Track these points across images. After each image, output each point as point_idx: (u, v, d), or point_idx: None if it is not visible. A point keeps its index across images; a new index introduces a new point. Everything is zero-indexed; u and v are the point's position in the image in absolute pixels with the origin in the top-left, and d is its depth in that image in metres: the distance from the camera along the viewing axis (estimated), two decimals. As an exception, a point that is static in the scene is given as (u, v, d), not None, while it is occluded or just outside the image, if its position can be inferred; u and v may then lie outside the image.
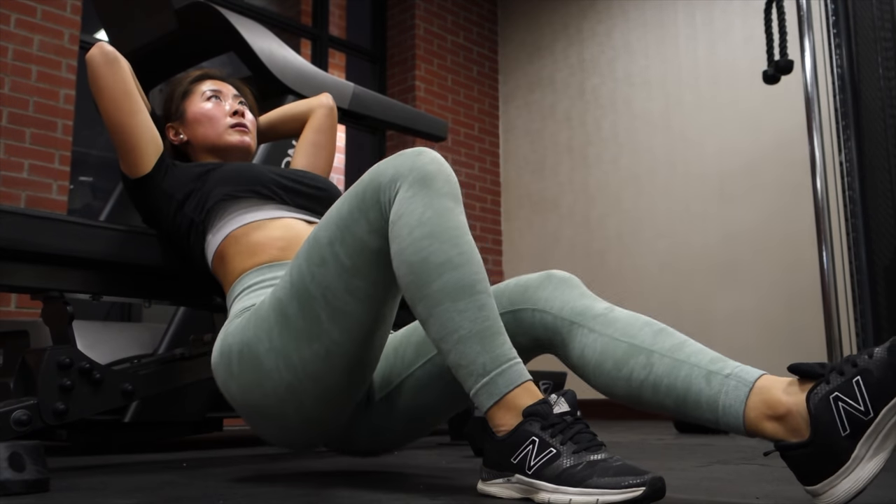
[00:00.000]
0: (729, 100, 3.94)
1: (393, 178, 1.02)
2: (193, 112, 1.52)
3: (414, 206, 0.99)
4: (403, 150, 1.05)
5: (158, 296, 1.50)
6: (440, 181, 1.02)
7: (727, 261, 3.82)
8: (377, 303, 1.07)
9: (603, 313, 1.05)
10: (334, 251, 1.05)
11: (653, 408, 0.99)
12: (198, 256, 1.38)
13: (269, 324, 1.10)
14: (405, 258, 0.99)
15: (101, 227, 1.39)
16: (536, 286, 1.12)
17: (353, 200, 1.05)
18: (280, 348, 1.09)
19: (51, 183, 3.00)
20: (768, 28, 2.50)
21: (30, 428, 1.21)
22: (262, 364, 1.10)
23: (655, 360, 0.97)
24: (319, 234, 1.08)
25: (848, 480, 0.82)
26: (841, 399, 0.83)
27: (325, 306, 1.06)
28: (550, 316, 1.08)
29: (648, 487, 0.83)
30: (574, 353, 1.06)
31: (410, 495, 1.03)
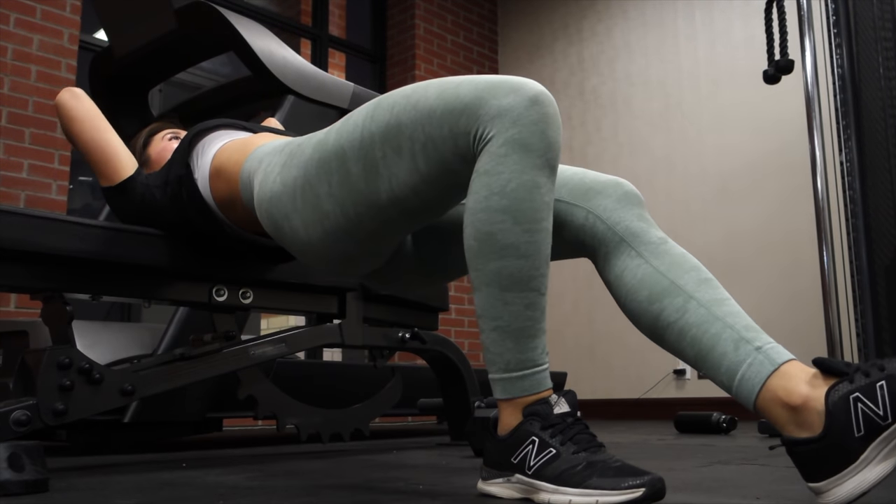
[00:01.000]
0: (729, 100, 3.94)
1: (494, 119, 0.92)
2: (157, 152, 1.56)
3: (503, 169, 0.92)
4: (520, 82, 0.94)
5: (158, 296, 1.50)
6: (542, 146, 0.93)
7: (728, 261, 3.82)
8: (439, 207, 1.03)
9: (655, 242, 1.03)
10: (413, 149, 0.97)
11: (671, 350, 0.98)
12: (198, 204, 1.37)
13: (329, 169, 1.05)
14: (475, 221, 0.95)
15: (101, 227, 1.39)
16: (600, 190, 1.08)
17: (445, 113, 0.95)
18: (339, 197, 1.04)
19: (50, 183, 3.00)
20: (768, 28, 2.50)
21: (29, 428, 1.21)
22: (321, 204, 1.06)
23: (691, 307, 0.96)
24: (402, 119, 0.98)
25: (853, 480, 0.81)
26: (861, 400, 0.82)
27: (388, 188, 1.00)
28: (603, 226, 1.05)
29: (648, 488, 0.83)
30: (613, 270, 1.04)
31: (410, 495, 1.03)
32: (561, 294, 4.57)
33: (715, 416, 2.61)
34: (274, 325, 4.65)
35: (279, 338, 1.62)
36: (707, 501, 0.95)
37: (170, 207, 1.40)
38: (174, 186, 1.38)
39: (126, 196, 1.43)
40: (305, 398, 2.21)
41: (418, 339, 1.95)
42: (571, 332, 4.49)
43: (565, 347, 4.50)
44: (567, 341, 4.50)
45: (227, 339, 1.52)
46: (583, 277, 4.43)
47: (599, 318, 4.38)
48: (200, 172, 1.36)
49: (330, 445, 2.27)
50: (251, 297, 1.57)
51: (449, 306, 2.86)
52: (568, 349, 4.49)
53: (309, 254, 1.14)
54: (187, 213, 1.39)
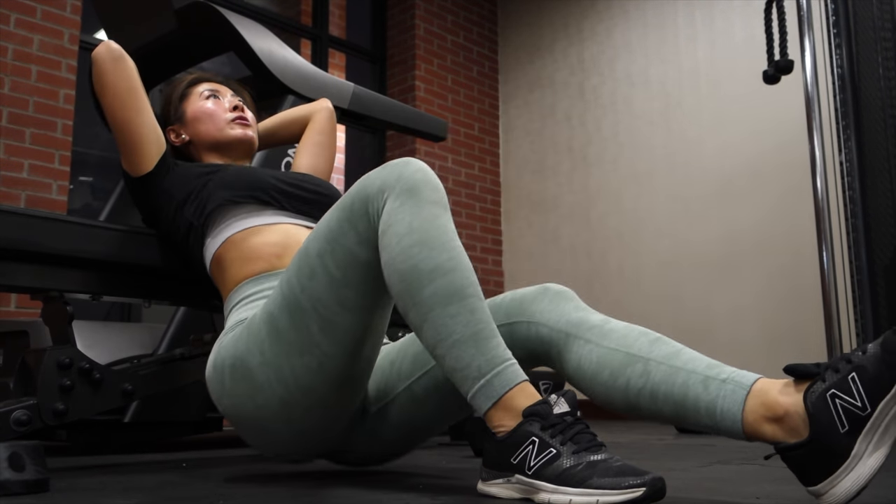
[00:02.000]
0: (729, 100, 3.94)
1: (381, 189, 1.03)
2: (193, 111, 1.52)
3: (402, 216, 1.00)
4: (389, 161, 1.07)
5: (158, 296, 1.50)
6: (427, 190, 1.03)
7: (728, 260, 3.82)
8: (368, 313, 1.07)
9: (598, 325, 1.06)
10: (324, 263, 1.06)
11: (651, 416, 0.99)
12: (197, 259, 1.38)
13: (260, 337, 1.10)
14: (395, 267, 0.99)
15: (101, 227, 1.39)
16: (532, 299, 1.12)
17: (341, 213, 1.06)
18: (272, 361, 1.09)
19: (51, 183, 3.00)
20: (768, 28, 2.50)
21: (29, 428, 1.21)
22: (254, 378, 1.10)
23: (652, 368, 0.98)
24: (309, 247, 1.09)
25: (849, 478, 0.82)
26: (838, 396, 0.83)
27: (316, 318, 1.06)
28: (546, 328, 1.09)
29: (649, 488, 0.83)
30: (571, 364, 1.06)
31: (410, 495, 1.03)
32: (561, 294, 4.57)
33: (715, 416, 2.60)
34: (274, 325, 4.65)
35: (279, 338, 1.62)
36: (707, 501, 0.95)
37: (172, 233, 1.41)
38: (185, 227, 1.37)
39: (142, 190, 1.42)
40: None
41: (418, 339, 1.95)
42: (571, 332, 4.49)
43: (565, 347, 4.50)
44: (567, 341, 4.50)
45: (228, 339, 1.52)
46: (583, 278, 4.43)
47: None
48: (210, 244, 1.35)
49: (330, 445, 2.26)
50: (251, 297, 1.57)
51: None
52: (568, 349, 4.49)
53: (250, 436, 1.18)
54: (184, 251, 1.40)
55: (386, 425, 1.21)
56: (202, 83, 1.57)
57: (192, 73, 1.62)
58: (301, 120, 1.72)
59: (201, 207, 1.34)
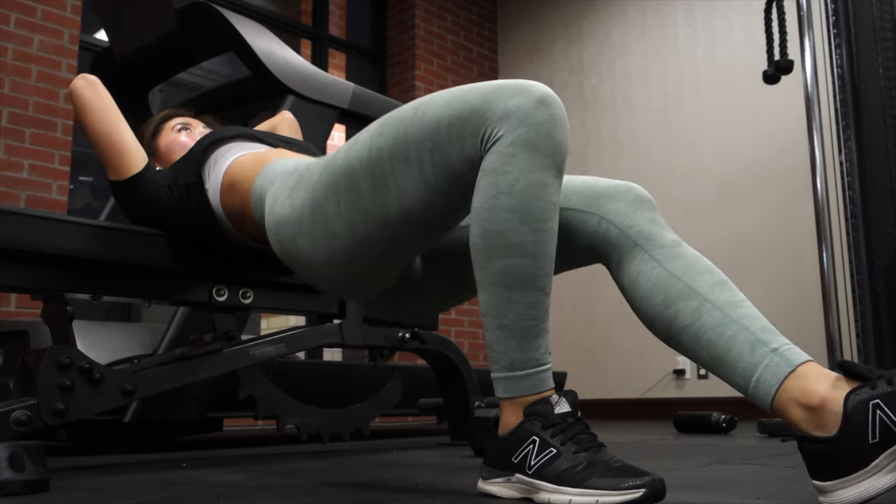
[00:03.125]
0: (729, 100, 3.94)
1: (502, 119, 0.93)
2: (166, 144, 1.55)
3: (510, 168, 0.92)
4: (527, 85, 0.95)
5: (158, 296, 1.50)
6: (549, 147, 0.93)
7: (728, 261, 3.82)
8: (449, 219, 1.04)
9: (669, 245, 1.02)
10: (421, 157, 0.98)
11: (687, 354, 0.98)
12: (206, 215, 1.37)
13: (338, 188, 1.05)
14: (481, 220, 0.95)
15: (101, 227, 1.39)
16: (611, 194, 1.07)
17: (453, 120, 0.96)
18: (347, 216, 1.05)
19: (51, 183, 3.00)
20: (768, 28, 2.50)
21: (29, 428, 1.21)
22: (330, 224, 1.06)
23: (706, 310, 0.95)
24: (410, 130, 0.99)
25: (861, 486, 0.81)
26: (881, 407, 0.81)
27: (397, 203, 1.01)
28: (616, 231, 1.05)
29: (648, 489, 0.83)
30: (627, 275, 1.03)
31: (410, 495, 1.03)
32: (561, 295, 4.57)
33: (715, 416, 2.61)
34: (274, 325, 4.65)
35: (279, 338, 1.62)
36: (707, 501, 0.95)
37: (174, 210, 1.40)
38: (182, 192, 1.37)
39: (133, 192, 1.43)
40: (305, 398, 2.21)
41: (418, 338, 1.95)
42: (571, 333, 4.49)
43: (565, 348, 4.50)
44: (567, 342, 4.50)
45: (227, 339, 1.52)
46: (583, 278, 4.43)
47: (599, 319, 4.38)
48: (212, 183, 1.35)
49: (330, 445, 2.27)
50: (251, 297, 1.57)
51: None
52: (567, 350, 4.49)
53: (317, 275, 1.14)
54: (193, 220, 1.39)
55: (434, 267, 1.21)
56: (173, 118, 1.60)
57: (162, 111, 1.66)
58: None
59: (193, 166, 1.37)
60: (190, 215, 1.39)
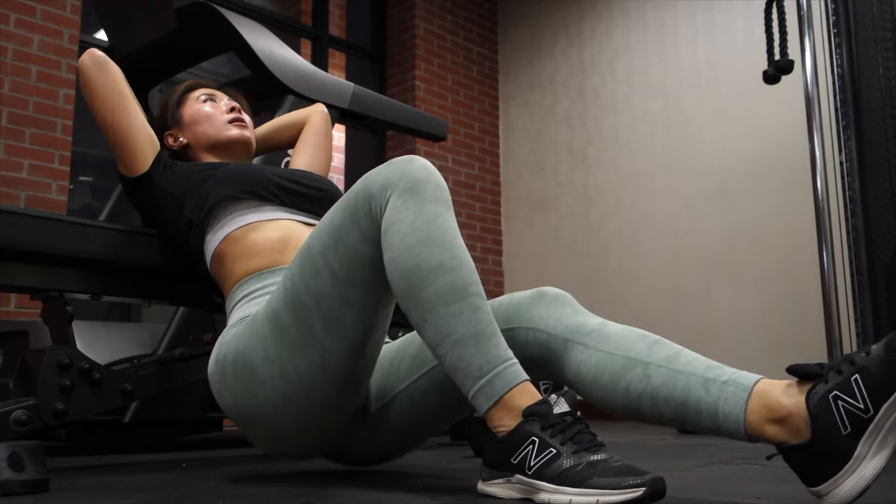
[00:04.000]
0: (729, 100, 3.94)
1: (384, 187, 1.03)
2: (191, 114, 1.53)
3: (405, 214, 1.01)
4: (393, 159, 1.07)
5: (158, 296, 1.50)
6: (430, 188, 1.03)
7: (728, 261, 3.82)
8: (371, 310, 1.07)
9: (597, 329, 1.05)
10: (327, 261, 1.06)
11: (652, 419, 0.99)
12: (197, 257, 1.38)
13: (263, 333, 1.10)
14: (398, 265, 1.00)
15: (101, 227, 1.39)
16: (528, 304, 1.12)
17: (344, 210, 1.06)
18: (275, 358, 1.09)
19: (51, 183, 3.00)
20: (768, 28, 2.50)
21: (29, 428, 1.21)
22: (256, 373, 1.10)
23: (652, 372, 0.97)
24: (312, 244, 1.09)
25: (851, 480, 0.82)
26: (840, 398, 0.82)
27: (319, 315, 1.06)
28: (544, 334, 1.08)
29: (649, 488, 0.83)
30: (570, 370, 1.06)
31: (410, 495, 1.03)
32: (561, 294, 4.57)
33: (715, 416, 2.60)
34: (274, 325, 4.64)
35: (279, 338, 1.62)
36: (707, 501, 0.95)
37: (174, 228, 1.40)
38: (185, 222, 1.37)
39: (140, 191, 1.42)
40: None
41: (418, 339, 1.95)
42: (571, 332, 4.49)
43: (565, 347, 4.50)
44: (567, 341, 4.50)
45: (228, 339, 1.52)
46: (583, 278, 4.43)
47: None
48: (210, 240, 1.35)
49: (330, 445, 2.26)
50: (251, 297, 1.57)
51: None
52: (568, 349, 4.49)
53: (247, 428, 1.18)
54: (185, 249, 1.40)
55: (386, 424, 1.21)
56: (198, 89, 1.58)
57: (186, 81, 1.63)
58: (296, 124, 1.74)
59: (201, 204, 1.34)
60: (182, 243, 1.40)
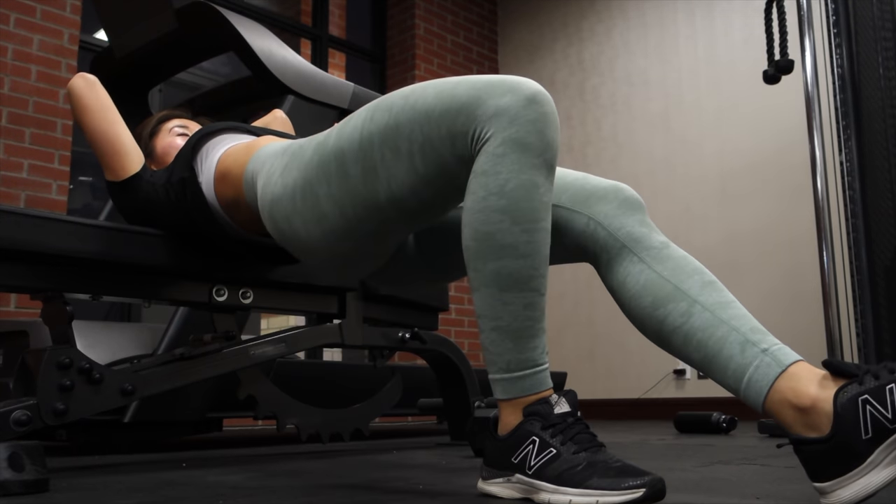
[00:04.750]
0: (729, 100, 3.94)
1: (492, 118, 0.92)
2: (163, 146, 1.55)
3: (500, 169, 0.92)
4: (517, 82, 0.94)
5: (158, 296, 1.50)
6: (540, 146, 0.93)
7: (728, 261, 3.82)
8: (439, 208, 1.04)
9: (657, 247, 1.03)
10: (411, 150, 0.97)
11: (677, 355, 0.98)
12: (203, 209, 1.36)
13: (329, 170, 1.05)
14: (473, 221, 0.94)
15: (101, 227, 1.39)
16: (601, 196, 1.07)
17: (443, 116, 0.95)
18: (338, 198, 1.04)
19: (50, 183, 3.00)
20: (768, 28, 2.50)
21: (29, 428, 1.21)
22: (320, 205, 1.06)
23: (696, 311, 0.96)
24: (401, 120, 0.98)
25: (859, 483, 0.81)
26: (870, 402, 0.81)
27: (387, 189, 1.00)
28: (605, 232, 1.05)
29: (648, 488, 0.83)
30: (616, 277, 1.03)
31: (410, 495, 1.03)
32: (561, 294, 4.57)
33: (715, 416, 2.61)
34: (274, 325, 4.65)
35: (279, 338, 1.62)
36: (707, 501, 0.95)
37: (172, 207, 1.40)
38: (177, 188, 1.38)
39: (130, 193, 1.43)
40: (305, 398, 2.21)
41: (418, 339, 1.95)
42: (571, 333, 4.49)
43: (565, 347, 4.50)
44: (567, 341, 4.50)
45: (227, 339, 1.52)
46: (583, 278, 4.43)
47: (599, 319, 4.38)
48: (205, 175, 1.36)
49: (330, 445, 2.27)
50: (251, 297, 1.57)
51: (449, 306, 2.86)
52: (568, 349, 4.49)
53: (309, 254, 1.14)
54: (190, 214, 1.39)
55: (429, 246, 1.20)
56: (172, 119, 1.60)
57: (160, 112, 1.66)
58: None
59: (186, 161, 1.37)
60: (186, 210, 1.39)
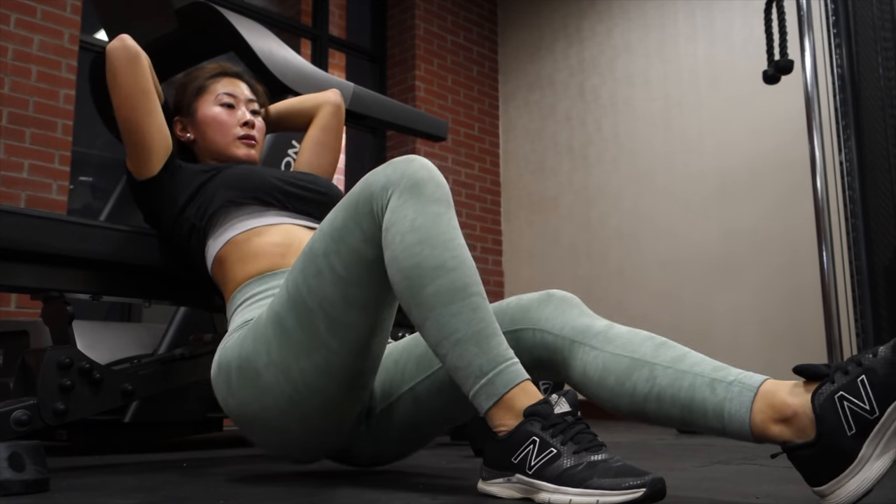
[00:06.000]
0: (729, 99, 3.94)
1: (384, 187, 1.03)
2: (204, 114, 1.50)
3: (405, 213, 1.01)
4: (394, 159, 1.07)
5: (158, 296, 1.50)
6: (431, 187, 1.03)
7: (728, 261, 3.82)
8: (374, 311, 1.08)
9: (603, 330, 1.06)
10: (330, 262, 1.06)
11: (658, 421, 0.99)
12: (199, 260, 1.38)
13: (267, 337, 1.10)
14: (398, 265, 1.00)
15: (101, 227, 1.39)
16: (536, 306, 1.12)
17: (346, 211, 1.07)
18: (279, 361, 1.09)
19: (51, 183, 3.00)
20: (768, 28, 2.50)
21: (30, 428, 1.21)
22: (261, 378, 1.10)
23: (658, 373, 0.97)
24: (315, 246, 1.09)
25: (855, 480, 0.81)
26: (846, 398, 0.82)
27: (322, 318, 1.06)
28: (551, 336, 1.09)
29: (649, 488, 0.83)
30: (576, 371, 1.06)
31: (410, 495, 1.03)
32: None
33: (715, 416, 2.60)
34: (274, 325, 4.64)
35: (279, 338, 1.62)
36: (707, 501, 0.95)
37: (176, 231, 1.40)
38: (186, 225, 1.37)
39: (146, 193, 1.42)
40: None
41: (418, 339, 1.95)
42: (571, 332, 4.49)
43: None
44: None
45: (228, 339, 1.52)
46: (583, 278, 4.43)
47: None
48: (211, 245, 1.35)
49: (330, 445, 2.26)
50: (251, 297, 1.57)
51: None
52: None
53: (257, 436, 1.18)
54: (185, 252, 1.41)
55: (390, 425, 1.21)
56: (222, 79, 1.54)
57: (214, 65, 1.58)
58: (308, 112, 1.68)
59: (203, 208, 1.34)
60: (184, 246, 1.40)
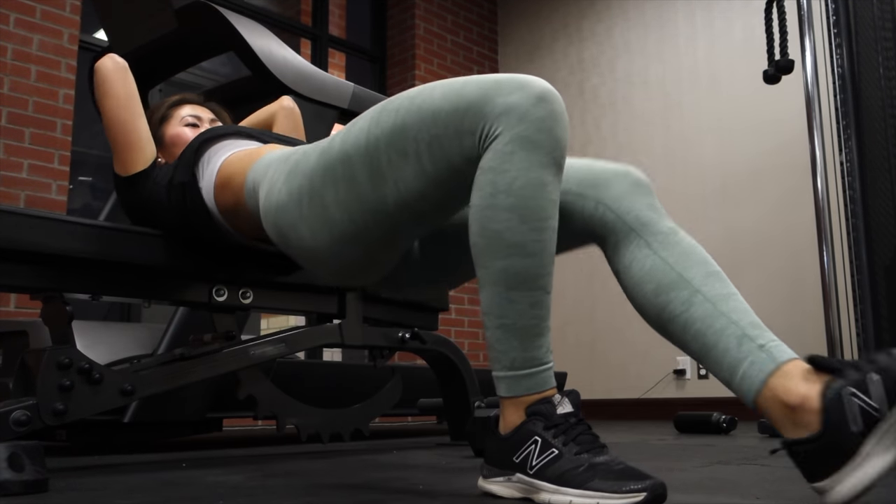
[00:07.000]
0: (729, 100, 3.94)
1: (500, 116, 0.91)
2: (171, 135, 1.55)
3: (508, 167, 0.91)
4: (526, 80, 0.93)
5: (158, 296, 1.50)
6: (549, 144, 0.91)
7: (728, 261, 3.82)
8: (448, 210, 1.03)
9: (665, 232, 1.02)
10: (418, 151, 0.96)
11: (675, 342, 0.98)
12: (202, 216, 1.36)
13: (335, 175, 1.03)
14: (481, 219, 0.94)
15: (101, 227, 1.39)
16: (609, 179, 1.06)
17: (451, 115, 0.94)
18: (346, 204, 1.03)
19: (50, 183, 3.00)
20: (769, 28, 2.50)
21: (29, 428, 1.21)
22: (328, 211, 1.05)
23: (697, 301, 0.96)
24: (408, 122, 0.97)
25: (855, 476, 0.81)
26: (856, 395, 0.82)
27: (395, 193, 0.99)
28: (613, 216, 1.04)
29: (650, 493, 0.83)
30: (622, 260, 1.03)
31: (410, 495, 1.03)
32: (562, 293, 4.57)
33: (715, 416, 2.61)
34: (274, 325, 4.65)
35: (279, 338, 1.62)
36: (707, 501, 0.95)
37: (172, 211, 1.40)
38: (177, 191, 1.37)
39: (134, 189, 1.43)
40: (305, 398, 2.21)
41: (418, 339, 1.95)
42: (572, 331, 4.49)
43: (566, 346, 4.50)
44: (567, 340, 4.50)
45: (227, 339, 1.52)
46: (584, 276, 4.43)
47: (600, 317, 4.38)
48: (206, 181, 1.35)
49: (330, 445, 2.27)
50: (251, 297, 1.57)
51: (449, 306, 2.86)
52: (568, 348, 4.49)
53: (316, 262, 1.13)
54: (189, 219, 1.39)
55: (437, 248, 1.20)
56: (184, 106, 1.60)
57: (174, 96, 1.65)
58: (266, 123, 1.75)
59: (187, 166, 1.36)
60: (186, 214, 1.39)
